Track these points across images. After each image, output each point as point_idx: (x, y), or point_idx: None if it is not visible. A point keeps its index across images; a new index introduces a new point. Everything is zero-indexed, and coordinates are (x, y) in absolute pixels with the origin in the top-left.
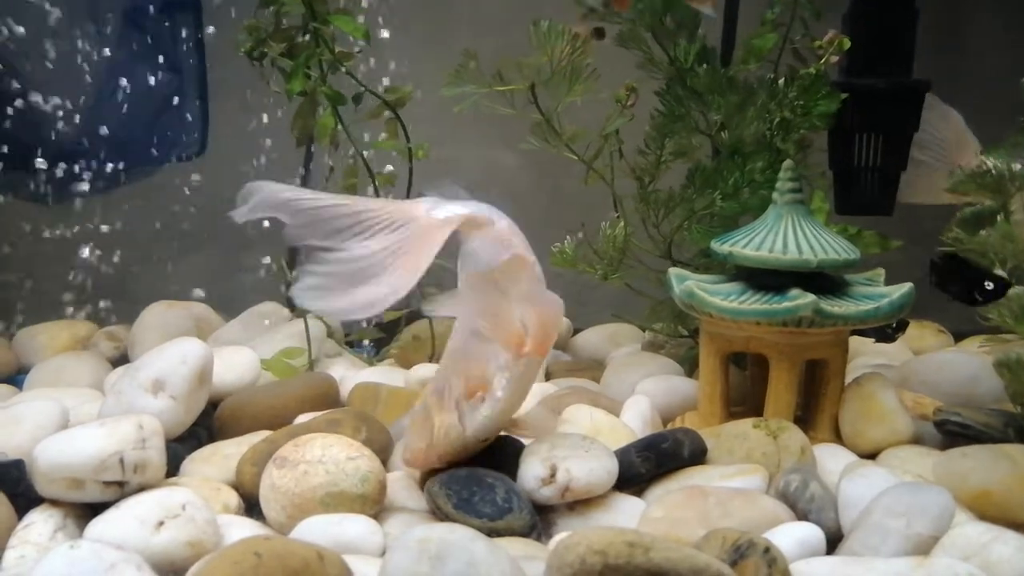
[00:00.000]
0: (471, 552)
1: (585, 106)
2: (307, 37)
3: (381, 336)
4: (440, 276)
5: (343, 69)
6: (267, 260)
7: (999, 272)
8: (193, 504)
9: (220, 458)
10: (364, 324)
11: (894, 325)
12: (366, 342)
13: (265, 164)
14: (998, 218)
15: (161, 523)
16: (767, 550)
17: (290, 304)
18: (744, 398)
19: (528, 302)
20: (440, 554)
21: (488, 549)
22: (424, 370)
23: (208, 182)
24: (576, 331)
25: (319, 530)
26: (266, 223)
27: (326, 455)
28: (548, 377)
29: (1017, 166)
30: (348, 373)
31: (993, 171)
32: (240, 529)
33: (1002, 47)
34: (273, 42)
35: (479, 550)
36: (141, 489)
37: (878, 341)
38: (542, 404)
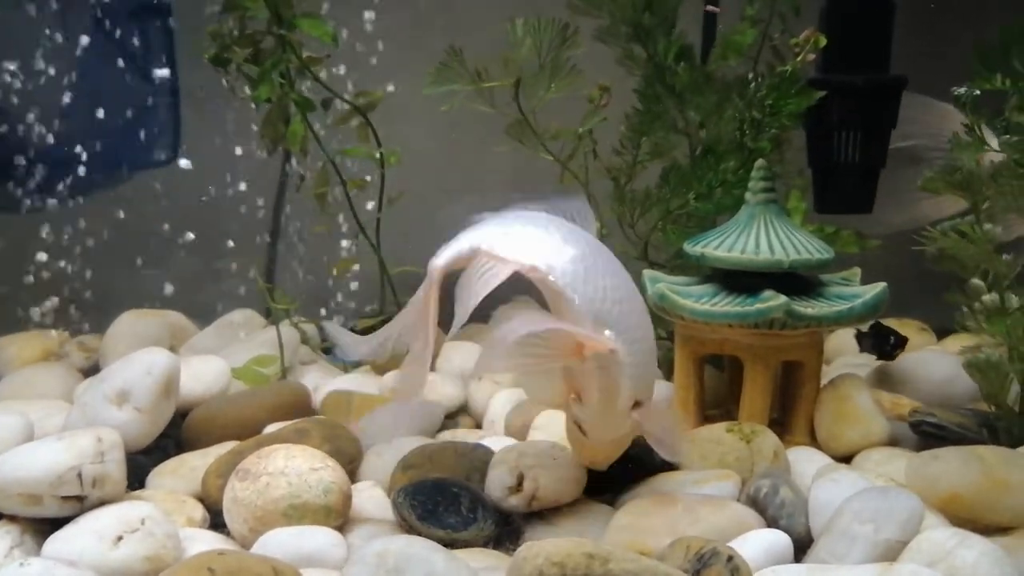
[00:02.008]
0: (430, 564)
1: (562, 106)
2: (273, 42)
3: None
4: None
5: (310, 75)
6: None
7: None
8: (153, 518)
9: (187, 470)
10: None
11: (893, 342)
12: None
13: (240, 170)
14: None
15: (119, 538)
16: (730, 559)
17: (266, 312)
18: (721, 400)
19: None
20: (398, 567)
21: (447, 561)
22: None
23: (181, 189)
24: None
25: (281, 543)
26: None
27: (289, 466)
28: None
29: (985, 162)
30: (322, 381)
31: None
32: (202, 543)
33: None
34: (237, 48)
35: (438, 562)
36: (101, 503)
37: (879, 359)
38: (514, 411)
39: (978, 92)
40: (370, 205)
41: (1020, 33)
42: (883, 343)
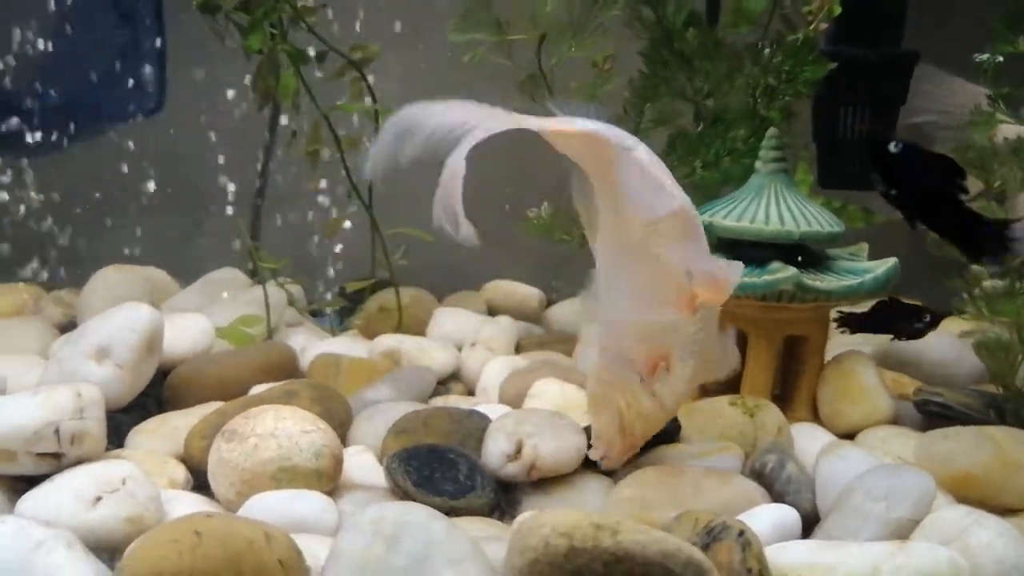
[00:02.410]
0: (429, 532)
1: (573, 69)
2: None
3: (345, 305)
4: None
5: (304, 25)
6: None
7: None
8: (134, 478)
9: (169, 430)
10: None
11: (928, 319)
12: (329, 311)
13: (228, 123)
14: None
15: (98, 498)
16: (741, 533)
17: (251, 271)
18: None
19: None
20: (396, 534)
21: (447, 529)
22: (389, 341)
23: (166, 141)
24: (549, 303)
25: (269, 507)
26: (232, 185)
27: (278, 428)
28: (519, 350)
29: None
30: (309, 343)
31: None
32: (185, 505)
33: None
34: None
35: (437, 530)
36: (79, 462)
37: (909, 338)
38: (510, 379)
39: (1000, 58)
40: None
41: None
42: (908, 320)
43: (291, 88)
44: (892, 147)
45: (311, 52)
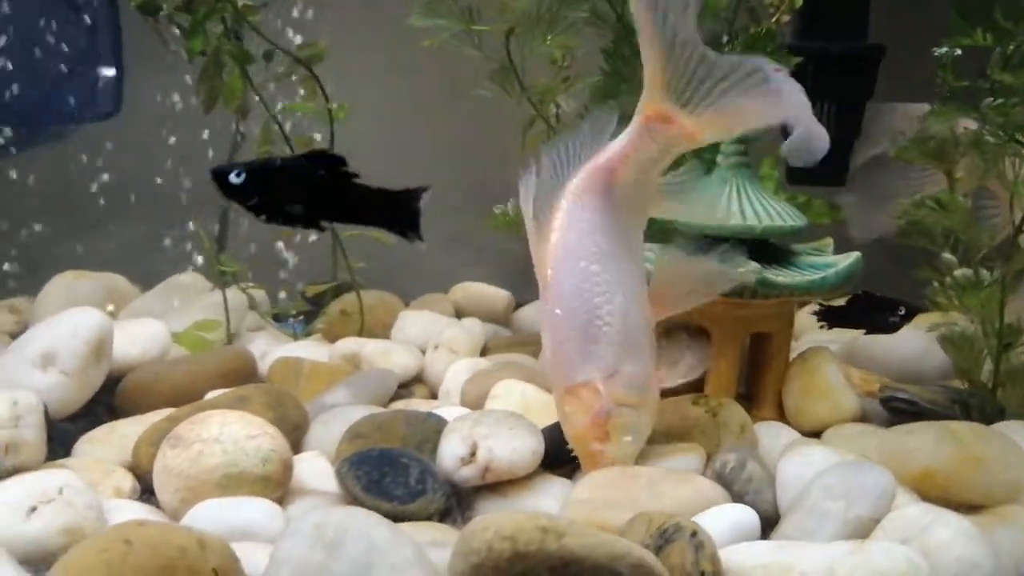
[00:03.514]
0: (371, 538)
1: (534, 66)
2: None
3: (309, 309)
4: None
5: (248, 25)
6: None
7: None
8: (72, 487)
9: (117, 438)
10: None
11: (903, 312)
12: (293, 315)
13: (187, 126)
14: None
15: (33, 508)
16: (695, 534)
17: (220, 275)
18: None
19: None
20: (337, 540)
21: (390, 535)
22: (350, 344)
23: (125, 144)
24: (518, 305)
25: (213, 515)
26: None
27: (224, 433)
28: (486, 352)
29: (960, 130)
30: (271, 348)
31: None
32: (128, 514)
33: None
34: None
35: (380, 536)
36: (15, 472)
37: (885, 332)
38: (471, 381)
39: (959, 51)
40: None
41: None
42: (881, 314)
43: (237, 90)
44: (234, 178)
45: (260, 53)
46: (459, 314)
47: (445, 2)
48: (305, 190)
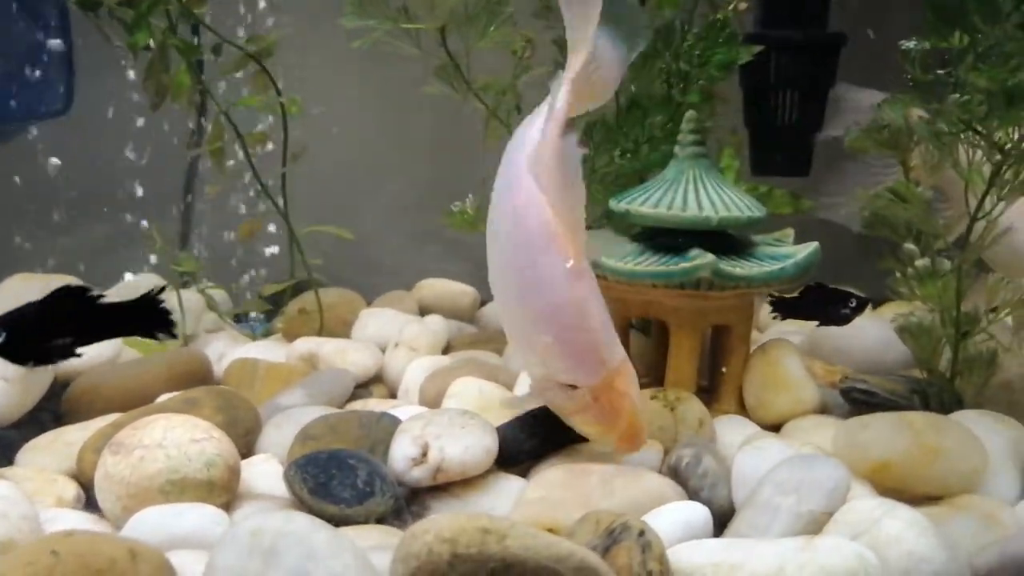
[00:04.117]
0: (310, 544)
1: (490, 56)
2: None
3: (270, 309)
4: None
5: (193, 18)
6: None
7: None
8: (7, 498)
9: (62, 445)
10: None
11: (854, 304)
12: (253, 315)
13: (141, 123)
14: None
15: None
16: (642, 533)
17: (177, 275)
18: (649, 367)
19: None
20: (274, 548)
21: (330, 540)
22: (307, 344)
23: (75, 143)
24: (483, 302)
25: (154, 523)
26: (158, 189)
27: (167, 438)
28: (447, 350)
29: (913, 118)
30: (229, 349)
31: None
32: (67, 524)
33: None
34: None
35: (320, 541)
36: None
37: (836, 323)
38: (430, 379)
39: (927, 45)
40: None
41: None
42: (833, 306)
43: (184, 86)
44: None
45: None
46: (424, 311)
47: (376, 2)
48: (59, 325)
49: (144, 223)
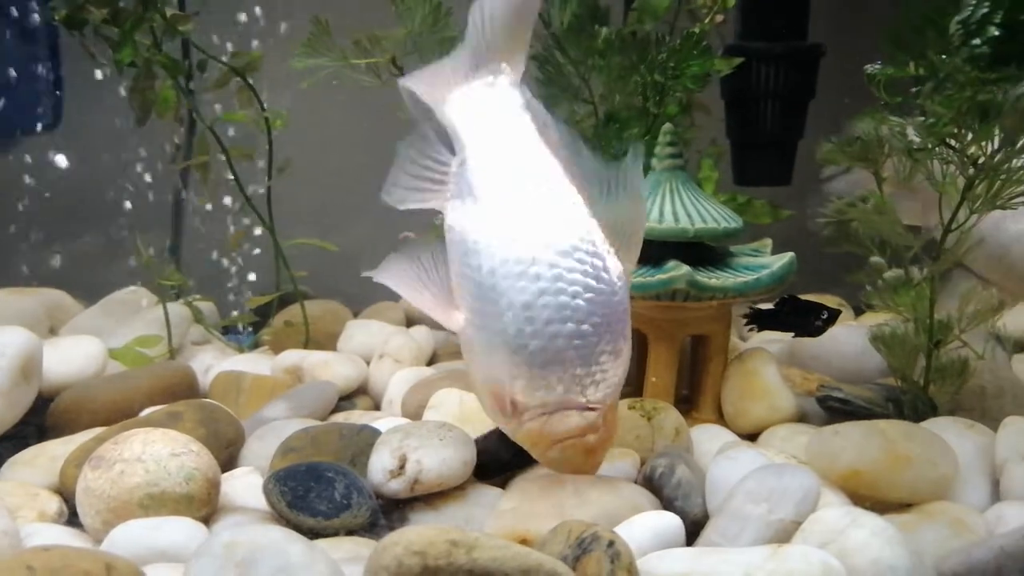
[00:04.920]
0: (284, 556)
1: None
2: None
3: (258, 320)
4: None
5: (178, 35)
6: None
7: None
8: None
9: (45, 460)
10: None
11: (825, 316)
12: (242, 327)
13: (132, 139)
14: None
15: None
16: (611, 544)
17: (163, 288)
18: (630, 378)
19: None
20: (249, 559)
21: (304, 552)
22: (292, 356)
23: (66, 157)
24: None
25: (133, 537)
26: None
27: (147, 452)
28: (433, 361)
29: (884, 130)
30: (215, 362)
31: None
32: (48, 539)
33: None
34: (93, 7)
35: (294, 554)
36: None
37: (808, 335)
38: (412, 391)
39: (891, 71)
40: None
41: (931, 18)
42: (806, 317)
43: (170, 101)
44: None
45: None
46: (410, 322)
47: (324, 41)
48: None
49: (134, 236)
